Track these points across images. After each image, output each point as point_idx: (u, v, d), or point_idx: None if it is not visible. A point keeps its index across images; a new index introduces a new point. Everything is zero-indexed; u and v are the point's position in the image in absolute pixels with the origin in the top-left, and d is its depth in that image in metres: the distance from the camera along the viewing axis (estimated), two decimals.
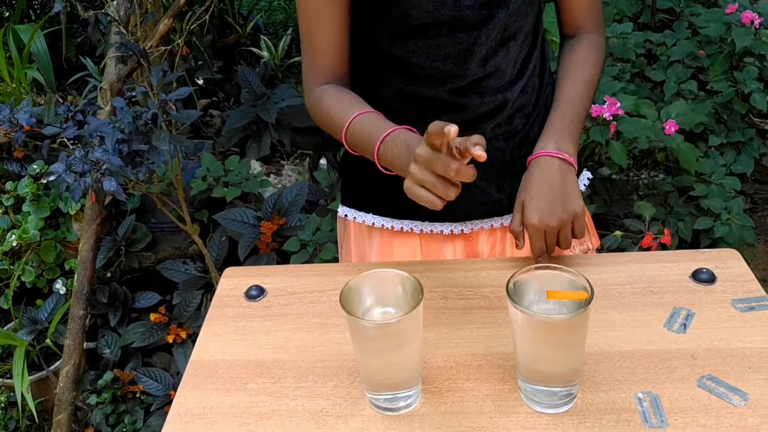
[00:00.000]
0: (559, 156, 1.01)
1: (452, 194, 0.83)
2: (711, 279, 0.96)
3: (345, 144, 1.01)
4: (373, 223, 1.16)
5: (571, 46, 1.11)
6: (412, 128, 0.95)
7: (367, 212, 1.16)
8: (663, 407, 0.79)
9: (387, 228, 1.15)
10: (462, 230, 1.13)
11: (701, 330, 0.89)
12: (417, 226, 1.14)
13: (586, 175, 1.21)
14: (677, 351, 0.87)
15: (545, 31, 1.15)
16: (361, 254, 1.19)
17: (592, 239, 1.22)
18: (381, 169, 0.97)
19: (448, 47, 1.01)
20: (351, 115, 0.98)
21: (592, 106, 2.04)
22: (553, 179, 1.00)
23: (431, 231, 1.14)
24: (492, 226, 1.14)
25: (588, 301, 0.74)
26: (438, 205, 0.84)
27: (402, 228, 1.14)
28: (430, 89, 1.04)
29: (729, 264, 1.00)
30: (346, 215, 1.20)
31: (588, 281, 0.76)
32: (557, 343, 0.77)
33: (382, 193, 1.14)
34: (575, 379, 0.80)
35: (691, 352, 0.86)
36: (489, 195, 1.11)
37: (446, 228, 1.13)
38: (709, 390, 0.81)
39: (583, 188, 1.19)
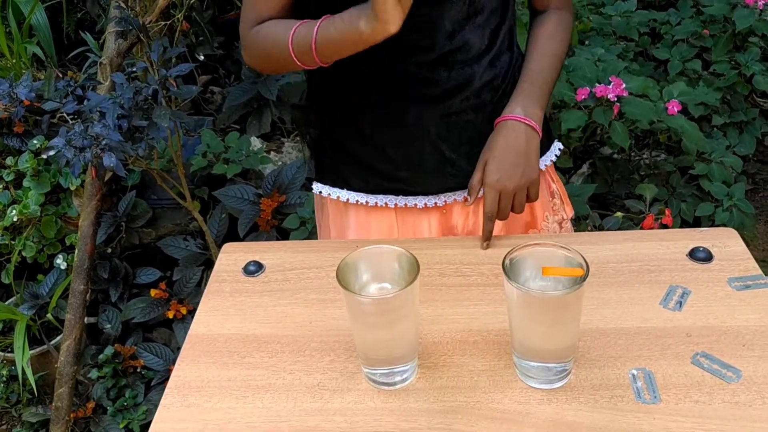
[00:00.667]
0: (526, 121, 1.04)
1: None
2: (708, 257, 0.97)
3: (293, 56, 0.97)
4: (348, 199, 1.16)
5: (540, 20, 1.14)
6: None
7: (342, 188, 1.17)
8: (656, 384, 0.80)
9: (362, 203, 1.16)
10: (435, 203, 1.14)
11: (697, 308, 0.90)
12: (391, 200, 1.15)
13: (558, 146, 1.22)
14: (672, 328, 0.87)
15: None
16: (339, 231, 1.20)
17: (566, 209, 1.24)
18: (321, 63, 0.95)
19: (415, 20, 1.00)
20: (294, 26, 0.96)
21: (597, 86, 2.02)
22: (518, 144, 1.04)
23: (405, 205, 1.15)
24: (465, 198, 1.14)
25: (583, 278, 0.75)
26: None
27: (377, 203, 1.15)
28: (399, 62, 1.04)
29: (726, 243, 1.00)
30: (320, 192, 1.20)
31: (584, 258, 0.76)
32: (552, 320, 0.77)
33: (354, 168, 1.14)
34: (570, 355, 0.81)
35: (686, 329, 0.87)
36: (460, 167, 1.11)
37: (420, 201, 1.14)
38: (702, 367, 0.81)
39: (554, 158, 1.20)
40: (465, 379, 0.84)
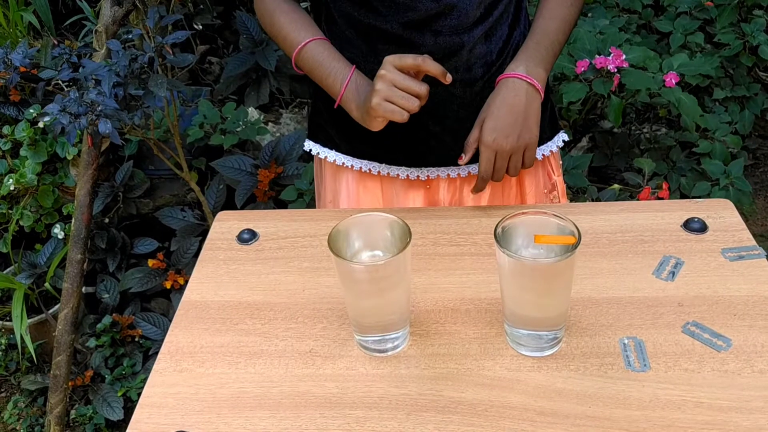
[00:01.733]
0: (528, 80, 1.01)
1: (416, 106, 0.94)
2: (702, 228, 0.96)
3: (293, 63, 1.09)
4: (335, 160, 1.17)
5: None
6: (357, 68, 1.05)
7: (331, 149, 1.17)
8: (647, 352, 0.80)
9: (348, 167, 1.16)
10: (418, 176, 1.13)
11: (689, 278, 0.90)
12: (375, 167, 1.14)
13: (562, 136, 1.19)
14: (664, 298, 0.87)
15: None
16: (333, 194, 1.21)
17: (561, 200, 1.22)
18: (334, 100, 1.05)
19: None
20: (304, 39, 1.06)
21: (597, 57, 2.00)
22: (517, 102, 1.01)
23: (388, 174, 1.14)
24: (449, 175, 1.14)
25: (575, 246, 0.74)
26: (405, 116, 0.94)
27: (361, 168, 1.15)
28: (384, 22, 1.03)
29: (721, 214, 0.99)
30: (311, 150, 1.20)
31: (576, 226, 0.76)
32: (543, 288, 0.77)
33: (342, 131, 1.14)
34: (561, 323, 0.81)
35: (678, 299, 0.87)
36: (444, 142, 1.10)
37: (402, 172, 1.14)
38: (693, 336, 0.82)
39: (555, 149, 1.18)
40: (456, 346, 0.84)
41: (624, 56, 1.99)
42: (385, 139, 1.10)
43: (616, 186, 2.06)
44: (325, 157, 1.18)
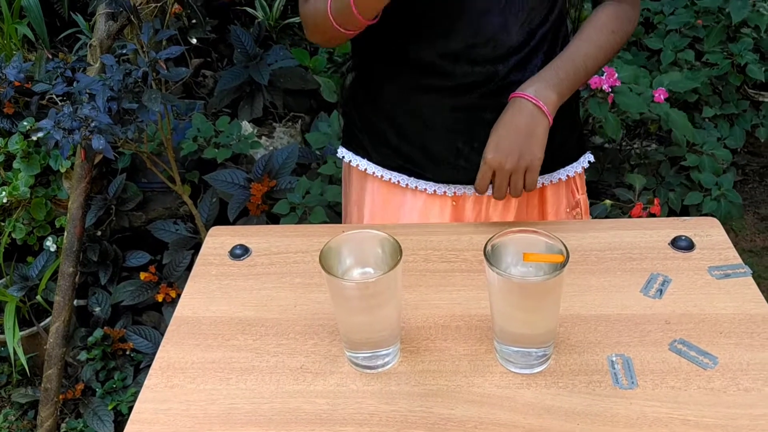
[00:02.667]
0: (533, 101, 1.00)
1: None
2: (689, 246, 0.98)
3: (333, 23, 0.98)
4: (366, 169, 1.17)
5: (596, 10, 1.09)
6: None
7: (362, 158, 1.18)
8: (634, 369, 0.81)
9: (378, 176, 1.16)
10: (445, 192, 1.14)
11: (677, 296, 0.91)
12: (404, 179, 1.15)
13: (588, 157, 1.20)
14: (652, 315, 0.88)
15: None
16: (358, 200, 1.22)
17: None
18: (362, 20, 0.95)
19: (438, 7, 1.01)
20: None
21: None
22: (521, 123, 1.00)
23: (416, 187, 1.15)
24: (475, 193, 1.15)
25: (563, 264, 0.75)
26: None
27: (390, 179, 1.16)
28: (420, 48, 1.04)
29: (708, 232, 1.01)
30: (343, 157, 1.22)
31: (564, 244, 0.77)
32: (532, 305, 0.78)
33: (375, 142, 1.15)
34: (549, 340, 0.82)
35: (666, 316, 0.88)
36: (473, 162, 1.09)
37: (430, 187, 1.14)
38: (680, 353, 0.83)
39: (580, 170, 1.18)
40: (446, 363, 0.85)
41: (616, 75, 2.02)
42: (415, 153, 1.11)
43: (607, 201, 2.07)
44: (357, 165, 1.19)
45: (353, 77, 1.18)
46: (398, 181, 1.15)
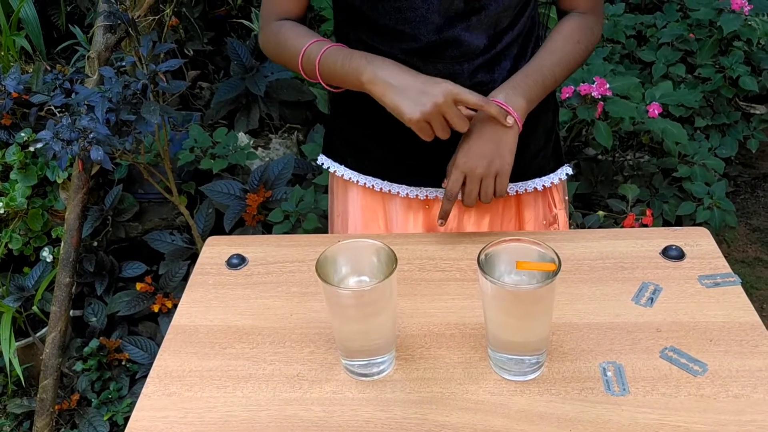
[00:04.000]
0: (503, 107, 1.01)
1: (447, 135, 1.00)
2: (680, 256, 0.99)
3: (301, 70, 1.08)
4: (343, 175, 1.20)
5: (562, 21, 1.12)
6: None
7: (340, 164, 1.21)
8: (626, 376, 0.82)
9: (353, 182, 1.19)
10: (417, 195, 1.16)
11: (667, 304, 0.92)
12: (378, 184, 1.17)
13: (566, 169, 1.21)
14: (643, 324, 0.90)
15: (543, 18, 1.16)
16: (344, 207, 1.24)
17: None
18: (325, 86, 1.07)
19: (406, 11, 1.03)
20: (308, 42, 1.06)
21: (582, 84, 2.05)
22: (489, 130, 1.02)
23: (389, 191, 1.17)
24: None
25: (555, 273, 0.77)
26: (430, 138, 1.00)
27: (365, 184, 1.18)
28: (389, 47, 1.05)
29: (698, 242, 1.02)
30: (323, 164, 1.24)
31: (556, 253, 0.79)
32: (525, 313, 0.79)
33: (352, 146, 1.18)
34: (542, 348, 0.83)
35: (657, 325, 0.89)
36: (441, 165, 1.10)
37: (402, 190, 1.16)
38: (670, 361, 0.84)
39: (556, 181, 1.19)
40: (441, 370, 0.86)
41: (607, 84, 2.04)
42: (388, 155, 1.14)
43: (600, 213, 2.09)
44: (334, 171, 1.22)
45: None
46: (373, 186, 1.18)
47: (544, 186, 1.18)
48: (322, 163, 1.24)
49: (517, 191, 1.17)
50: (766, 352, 0.84)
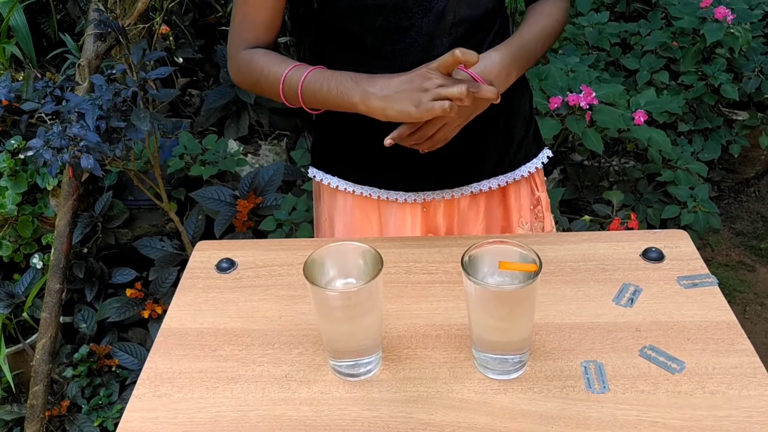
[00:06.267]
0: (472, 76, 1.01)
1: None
2: (659, 257, 1.02)
3: (281, 95, 1.05)
4: (337, 186, 1.21)
5: (535, 3, 1.14)
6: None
7: (333, 175, 1.21)
8: (606, 375, 0.85)
9: (349, 192, 1.20)
10: (415, 200, 1.18)
11: (647, 304, 0.95)
12: (375, 192, 1.19)
13: (546, 152, 1.25)
14: (623, 323, 0.92)
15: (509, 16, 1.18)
16: (330, 215, 1.25)
17: (545, 221, 1.27)
18: (308, 110, 1.05)
19: (387, 30, 1.04)
20: (287, 67, 1.04)
21: (569, 95, 2.08)
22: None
23: (387, 198, 1.18)
24: (444, 197, 1.18)
25: (536, 273, 0.79)
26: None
27: (362, 193, 1.19)
28: (370, 63, 1.06)
29: (677, 244, 1.05)
30: (314, 176, 1.25)
31: (537, 255, 0.81)
32: (508, 313, 0.81)
33: (343, 157, 1.19)
34: (525, 347, 0.85)
35: (636, 324, 0.92)
36: (436, 166, 1.13)
37: (401, 196, 1.18)
38: (649, 359, 0.86)
39: (539, 165, 1.23)
40: (426, 370, 0.88)
41: (594, 93, 2.08)
42: (381, 164, 1.15)
43: (586, 217, 2.12)
44: (328, 183, 1.22)
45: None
46: (369, 194, 1.19)
47: (529, 172, 1.21)
48: (314, 176, 1.25)
49: (506, 182, 1.20)
50: (741, 350, 0.87)
